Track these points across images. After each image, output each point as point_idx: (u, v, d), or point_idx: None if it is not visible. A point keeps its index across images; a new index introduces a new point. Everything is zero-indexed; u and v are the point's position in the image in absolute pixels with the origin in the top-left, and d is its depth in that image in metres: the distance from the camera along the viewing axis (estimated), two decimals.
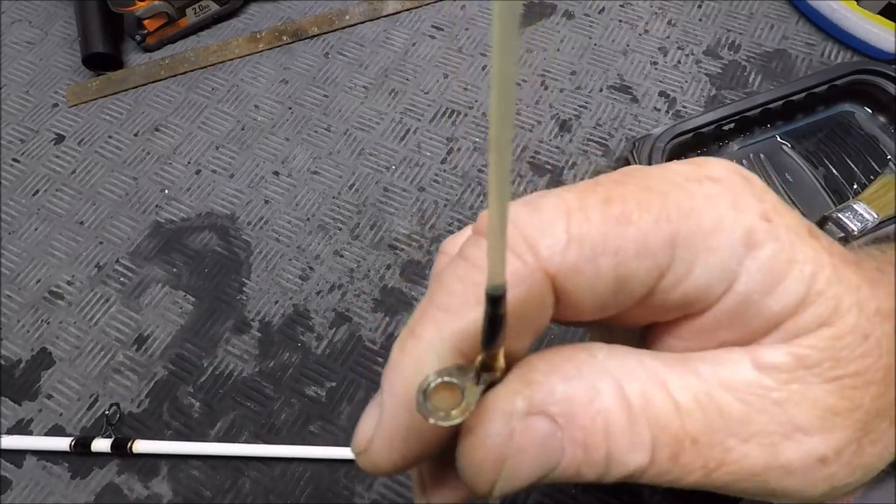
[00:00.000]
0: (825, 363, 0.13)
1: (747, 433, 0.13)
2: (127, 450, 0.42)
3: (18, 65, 0.62)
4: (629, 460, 0.13)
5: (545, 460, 0.13)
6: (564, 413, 0.13)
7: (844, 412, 0.13)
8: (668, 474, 0.13)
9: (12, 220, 0.54)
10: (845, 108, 0.51)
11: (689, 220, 0.13)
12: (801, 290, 0.13)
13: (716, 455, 0.13)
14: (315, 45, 0.61)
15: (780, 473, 0.13)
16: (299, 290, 0.49)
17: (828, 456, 0.13)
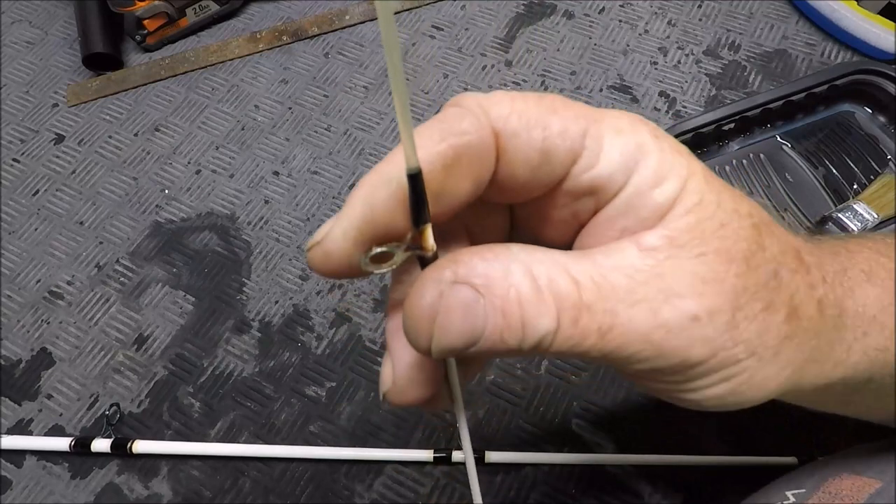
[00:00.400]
0: (692, 242, 0.16)
1: (632, 300, 0.16)
2: (127, 450, 0.42)
3: (18, 65, 0.62)
4: (540, 325, 0.16)
5: (471, 322, 0.16)
6: (484, 284, 0.16)
7: (711, 281, 0.16)
8: (571, 339, 0.16)
9: (12, 220, 0.54)
10: (845, 108, 0.51)
11: (599, 123, 0.17)
12: (677, 187, 0.17)
13: (608, 319, 0.16)
14: (315, 45, 0.61)
15: (662, 333, 0.16)
16: (299, 290, 0.49)
17: (699, 315, 0.16)
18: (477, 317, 0.16)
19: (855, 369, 0.21)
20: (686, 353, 0.17)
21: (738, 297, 0.17)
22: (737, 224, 0.17)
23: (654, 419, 0.41)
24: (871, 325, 0.21)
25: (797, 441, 0.40)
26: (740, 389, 0.18)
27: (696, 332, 0.16)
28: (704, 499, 0.39)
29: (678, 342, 0.16)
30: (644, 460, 0.39)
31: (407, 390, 0.19)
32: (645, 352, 0.16)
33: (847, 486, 0.26)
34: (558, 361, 0.44)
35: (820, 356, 0.19)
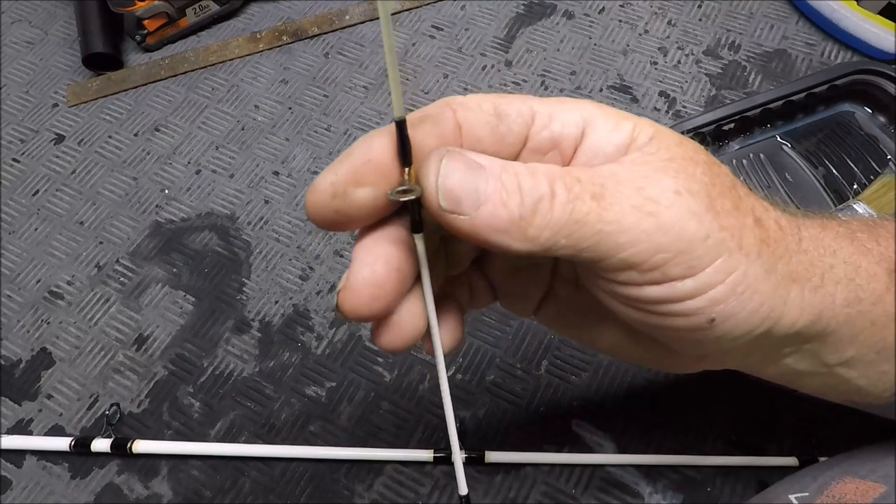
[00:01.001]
0: (658, 153, 0.19)
1: (617, 180, 0.18)
2: (127, 450, 0.42)
3: (18, 65, 0.62)
4: (536, 188, 0.18)
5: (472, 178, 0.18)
6: (484, 162, 0.18)
7: (682, 172, 0.19)
8: (568, 204, 0.18)
9: (12, 220, 0.54)
10: (845, 108, 0.51)
11: (544, 100, 0.20)
12: (631, 126, 0.20)
13: (598, 188, 0.18)
14: (315, 45, 0.61)
15: (652, 205, 0.18)
16: (299, 290, 0.49)
17: (679, 189, 0.18)
18: (478, 177, 0.18)
19: (832, 305, 0.21)
20: (681, 224, 0.18)
21: (708, 188, 0.19)
22: (692, 144, 0.20)
23: (654, 419, 0.41)
24: (834, 260, 0.22)
25: (798, 441, 0.40)
26: (739, 290, 0.19)
27: (682, 204, 0.18)
28: (704, 499, 0.39)
29: (669, 214, 0.18)
30: (644, 460, 0.39)
31: (361, 297, 0.19)
32: (643, 223, 0.18)
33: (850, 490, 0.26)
34: (558, 361, 0.44)
35: (797, 274, 0.21)
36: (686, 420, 0.41)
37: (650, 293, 0.19)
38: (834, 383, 0.24)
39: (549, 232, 0.18)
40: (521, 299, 0.26)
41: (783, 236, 0.21)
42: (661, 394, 0.42)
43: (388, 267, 0.20)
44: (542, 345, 0.44)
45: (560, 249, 0.18)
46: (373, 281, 0.19)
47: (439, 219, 0.18)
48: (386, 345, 0.21)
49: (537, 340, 0.44)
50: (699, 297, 0.19)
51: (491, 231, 0.18)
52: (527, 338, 0.45)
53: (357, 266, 0.20)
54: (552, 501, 0.39)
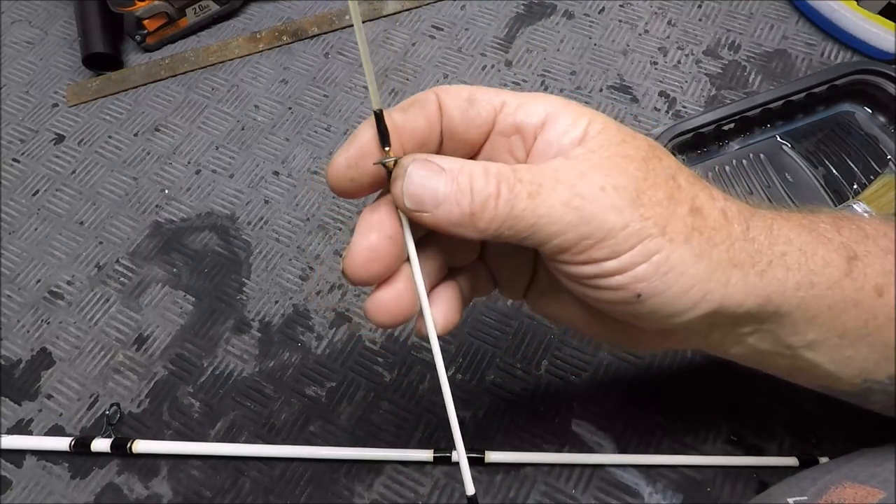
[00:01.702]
0: (601, 149, 0.22)
1: (555, 179, 0.22)
2: (127, 450, 0.42)
3: (18, 65, 0.62)
4: (484, 188, 0.21)
5: (433, 182, 0.22)
6: (446, 165, 0.22)
7: (615, 168, 0.22)
8: (509, 202, 0.21)
9: (12, 220, 0.54)
10: (845, 108, 0.51)
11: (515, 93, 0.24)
12: (586, 122, 0.23)
13: (535, 188, 0.21)
14: (315, 45, 0.61)
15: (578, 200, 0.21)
16: (299, 290, 0.49)
17: (605, 186, 0.21)
18: (437, 179, 0.22)
19: (782, 289, 0.23)
20: (602, 216, 0.21)
21: (638, 182, 0.22)
22: (634, 142, 0.23)
23: (654, 419, 0.41)
24: (788, 248, 0.24)
25: (798, 441, 0.40)
26: (662, 271, 0.22)
27: (605, 200, 0.21)
28: (704, 499, 0.39)
29: (593, 207, 0.21)
30: (644, 460, 0.39)
31: (358, 260, 0.23)
32: (567, 216, 0.21)
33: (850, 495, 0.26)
34: (558, 361, 0.44)
35: (740, 260, 0.23)
36: (686, 420, 0.41)
37: (583, 270, 0.22)
38: (802, 366, 0.26)
39: (496, 224, 0.21)
40: (512, 284, 0.29)
41: (726, 224, 0.23)
42: (661, 394, 0.42)
43: (381, 234, 0.23)
44: (542, 345, 0.44)
45: (506, 237, 0.22)
46: (367, 246, 0.23)
47: (408, 215, 0.23)
48: (374, 317, 0.24)
49: (537, 340, 0.44)
50: (624, 275, 0.22)
51: (448, 224, 0.22)
52: (527, 338, 0.45)
53: (356, 235, 0.23)
54: (552, 501, 0.39)
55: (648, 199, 0.22)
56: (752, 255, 0.23)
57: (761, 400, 0.41)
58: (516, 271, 0.29)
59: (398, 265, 0.24)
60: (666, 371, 0.43)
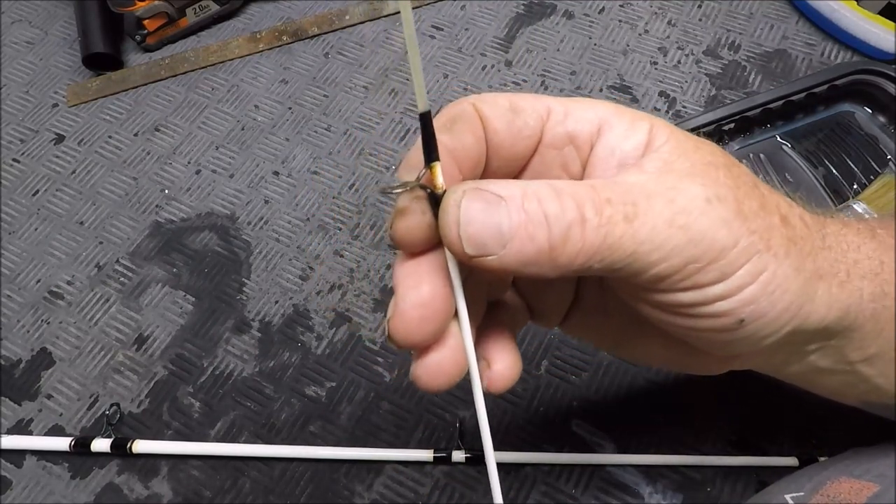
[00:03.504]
0: (678, 159, 0.19)
1: (647, 193, 0.18)
2: (127, 450, 0.42)
3: (18, 65, 0.62)
4: (564, 216, 0.17)
5: (493, 216, 0.17)
6: (504, 192, 0.18)
7: (706, 178, 0.19)
8: (601, 228, 0.17)
9: (12, 220, 0.54)
10: (845, 108, 0.51)
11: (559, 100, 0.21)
12: (647, 128, 0.20)
13: (630, 208, 0.18)
14: (315, 45, 0.61)
15: (684, 217, 0.18)
16: (299, 290, 0.49)
17: (710, 197, 0.18)
18: (498, 212, 0.17)
19: (859, 300, 0.21)
20: (712, 234, 0.18)
21: (734, 191, 0.19)
22: (708, 147, 0.20)
23: (654, 419, 0.41)
24: (858, 255, 0.22)
25: (798, 441, 0.40)
26: (769, 290, 0.19)
27: (712, 213, 0.18)
28: (704, 499, 0.39)
29: (701, 224, 0.18)
30: (644, 460, 0.39)
31: (410, 320, 0.19)
32: (674, 238, 0.18)
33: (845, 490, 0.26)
34: (558, 361, 0.44)
35: (824, 271, 0.21)
36: (686, 420, 0.41)
37: (682, 298, 0.19)
38: (853, 381, 0.24)
39: (583, 258, 0.18)
40: (551, 313, 0.26)
41: (809, 233, 0.21)
42: (661, 394, 0.42)
43: (433, 287, 0.20)
44: (542, 345, 0.44)
45: (594, 272, 0.18)
46: (419, 303, 0.19)
47: (468, 264, 0.18)
48: (430, 383, 0.21)
49: (537, 340, 0.44)
50: (730, 299, 0.19)
51: (521, 265, 0.18)
52: (527, 338, 0.45)
53: (402, 291, 0.20)
54: (552, 501, 0.39)
55: (748, 210, 0.19)
56: (832, 264, 0.21)
57: (761, 400, 0.41)
58: (556, 298, 0.25)
59: (450, 318, 0.20)
60: (666, 371, 0.43)
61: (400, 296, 0.20)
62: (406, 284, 0.20)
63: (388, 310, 0.20)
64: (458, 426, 0.41)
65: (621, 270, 0.18)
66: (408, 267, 0.20)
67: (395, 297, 0.20)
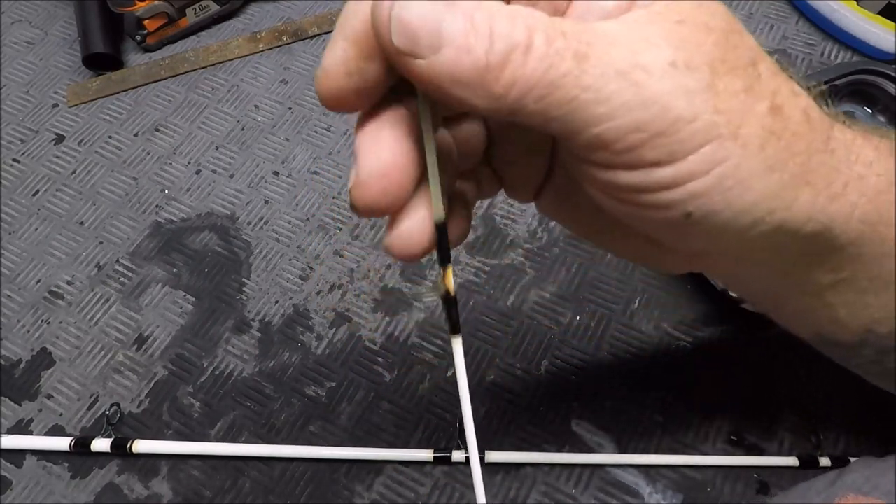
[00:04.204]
0: (669, 12, 0.16)
1: (610, 40, 0.16)
2: (127, 450, 0.42)
3: (18, 65, 0.62)
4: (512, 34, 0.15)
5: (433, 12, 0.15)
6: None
7: (688, 40, 0.16)
8: (545, 59, 0.15)
9: (12, 220, 0.54)
10: (845, 108, 0.51)
11: None
12: None
13: (584, 47, 0.15)
14: (315, 45, 0.61)
15: (640, 73, 0.15)
16: (299, 290, 0.49)
17: (676, 62, 0.16)
18: (443, 11, 0.15)
19: (847, 218, 0.19)
20: (666, 101, 0.15)
21: (715, 63, 0.16)
22: (712, 7, 0.17)
23: (654, 419, 0.41)
24: (867, 171, 0.19)
25: (798, 441, 0.40)
26: (726, 185, 0.17)
27: (675, 77, 0.16)
28: (704, 499, 0.39)
29: (658, 86, 0.15)
30: (644, 460, 0.40)
31: (371, 189, 0.17)
32: (624, 93, 0.15)
33: None
34: (558, 361, 0.44)
35: (814, 178, 0.18)
36: (686, 420, 0.41)
37: (623, 178, 0.17)
38: (816, 306, 0.23)
39: (518, 91, 0.15)
40: (522, 185, 0.24)
41: (808, 131, 0.18)
42: (661, 394, 0.42)
43: (395, 151, 0.18)
44: (542, 345, 0.44)
45: (528, 115, 0.16)
46: (380, 171, 0.17)
47: (391, 59, 0.16)
48: (403, 251, 0.19)
49: (537, 340, 0.45)
50: (676, 189, 0.17)
51: (450, 81, 0.15)
52: (527, 338, 0.45)
53: (363, 158, 0.18)
54: (552, 501, 0.39)
55: (724, 88, 0.16)
56: (829, 172, 0.18)
57: (761, 400, 0.41)
58: (527, 170, 0.23)
59: (415, 182, 0.18)
60: (666, 371, 0.43)
61: (360, 163, 0.18)
62: (366, 149, 0.18)
63: (350, 177, 0.18)
64: (459, 426, 0.41)
65: (558, 120, 0.16)
66: (368, 129, 0.18)
67: (356, 161, 0.18)
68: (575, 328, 0.45)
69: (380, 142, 0.18)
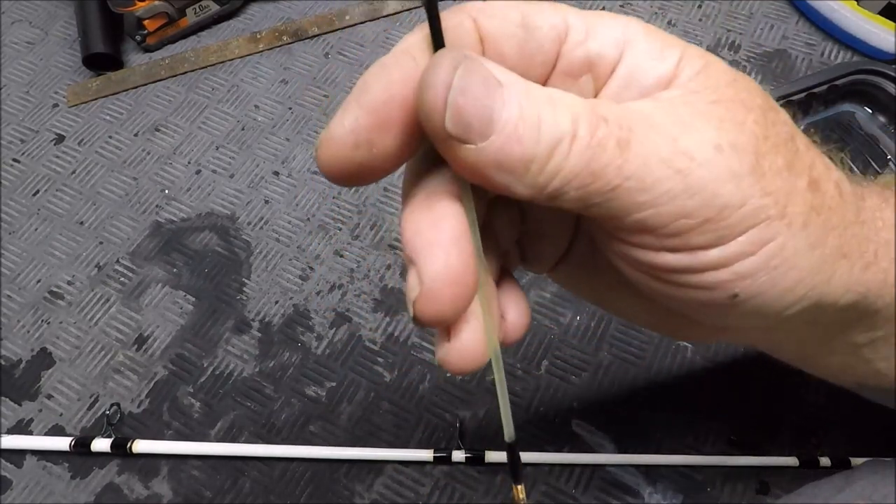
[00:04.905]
0: (705, 91, 0.16)
1: (649, 124, 0.15)
2: (127, 450, 0.42)
3: (18, 65, 0.62)
4: (558, 124, 0.15)
5: (489, 96, 0.14)
6: (503, 79, 0.15)
7: (729, 121, 0.16)
8: (589, 149, 0.15)
9: (12, 220, 0.54)
10: (845, 108, 0.51)
11: (581, 12, 0.17)
12: (677, 55, 0.16)
13: (625, 133, 0.15)
14: (315, 45, 0.61)
15: (685, 160, 0.15)
16: (299, 290, 0.49)
17: (722, 145, 0.15)
18: (495, 98, 0.14)
19: (882, 283, 0.19)
20: (715, 187, 0.15)
21: (758, 142, 0.16)
22: (746, 83, 0.17)
23: (654, 419, 0.41)
24: (892, 235, 0.19)
25: (798, 441, 0.40)
26: (773, 265, 0.16)
27: (721, 162, 0.15)
28: (704, 499, 0.39)
29: (704, 172, 0.15)
30: (644, 460, 0.39)
31: (442, 299, 0.16)
32: (668, 181, 0.15)
33: None
34: (558, 361, 0.44)
35: (849, 251, 0.18)
36: (686, 420, 0.41)
37: (668, 260, 0.16)
38: (854, 363, 0.22)
39: (560, 181, 0.15)
40: (544, 260, 0.23)
41: (842, 204, 0.18)
42: (661, 394, 0.42)
43: (461, 254, 0.16)
44: (542, 345, 0.44)
45: (568, 200, 0.15)
46: (452, 278, 0.16)
47: (437, 142, 0.15)
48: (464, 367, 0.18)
49: (537, 340, 0.44)
50: (723, 270, 0.16)
51: (496, 169, 0.15)
52: (527, 338, 0.45)
53: (427, 262, 0.16)
54: (552, 501, 0.39)
55: (768, 167, 0.16)
56: (861, 242, 0.18)
57: (761, 400, 0.41)
58: (551, 246, 0.22)
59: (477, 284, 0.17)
60: (666, 371, 0.43)
61: (425, 269, 0.16)
62: (427, 250, 0.16)
63: (409, 284, 0.16)
64: (458, 426, 0.41)
65: (599, 207, 0.15)
66: (422, 220, 0.16)
67: (415, 268, 0.16)
68: (575, 328, 0.45)
69: (442, 240, 0.16)
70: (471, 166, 0.15)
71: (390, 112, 0.15)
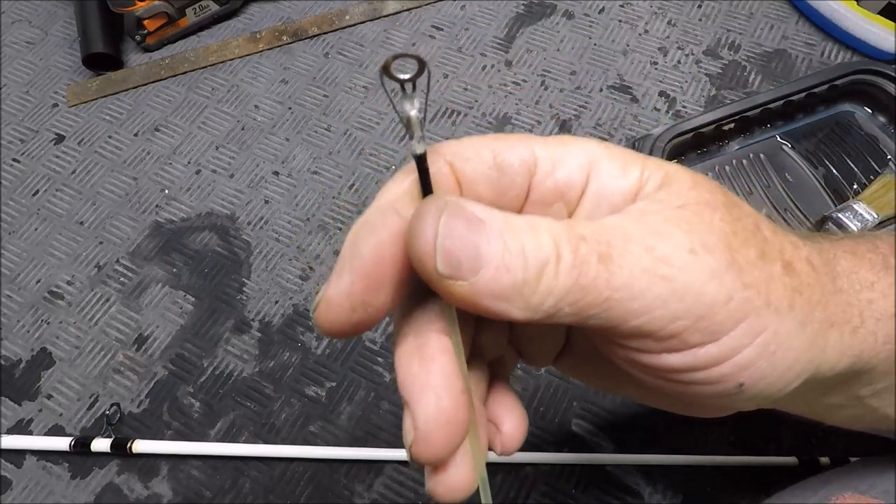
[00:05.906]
0: (669, 199, 0.17)
1: (625, 236, 0.16)
2: (127, 450, 0.42)
3: (18, 65, 0.62)
4: (541, 251, 0.16)
5: (474, 237, 0.16)
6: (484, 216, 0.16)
7: (697, 223, 0.17)
8: (575, 268, 0.16)
9: (12, 220, 0.54)
10: (845, 108, 0.51)
11: (545, 140, 0.18)
12: (638, 169, 0.18)
13: (604, 248, 0.16)
14: (315, 45, 0.61)
15: (665, 267, 0.16)
16: (299, 290, 0.49)
17: (695, 248, 0.16)
18: (479, 235, 0.16)
19: (873, 343, 0.20)
20: (699, 288, 0.16)
21: (728, 238, 0.17)
22: (707, 184, 0.18)
23: (654, 419, 0.41)
24: (872, 294, 0.20)
25: (798, 441, 0.40)
26: (770, 350, 0.17)
27: (698, 264, 0.16)
28: (704, 499, 0.39)
29: (686, 276, 0.16)
30: (644, 460, 0.39)
31: (437, 441, 0.17)
32: (656, 286, 0.16)
33: None
34: None
35: (835, 318, 0.19)
36: (686, 420, 0.41)
37: (669, 361, 0.17)
38: (862, 413, 0.23)
39: (553, 300, 0.16)
40: (543, 356, 0.24)
41: (818, 278, 0.19)
42: None
43: (452, 395, 0.17)
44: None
45: (564, 317, 0.16)
46: (445, 420, 0.17)
47: (433, 284, 0.16)
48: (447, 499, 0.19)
49: None
50: (725, 364, 0.17)
51: (491, 298, 0.16)
52: None
53: (420, 405, 0.17)
54: (552, 501, 0.39)
55: (744, 260, 0.17)
56: (845, 309, 0.19)
57: None
58: (547, 346, 0.24)
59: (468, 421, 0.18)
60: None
61: (418, 411, 0.17)
62: (421, 396, 0.17)
63: (405, 427, 0.17)
64: None
65: (596, 319, 0.16)
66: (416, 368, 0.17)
67: (409, 411, 0.17)
68: None
69: (433, 382, 0.17)
70: (467, 300, 0.16)
71: (382, 272, 0.17)
